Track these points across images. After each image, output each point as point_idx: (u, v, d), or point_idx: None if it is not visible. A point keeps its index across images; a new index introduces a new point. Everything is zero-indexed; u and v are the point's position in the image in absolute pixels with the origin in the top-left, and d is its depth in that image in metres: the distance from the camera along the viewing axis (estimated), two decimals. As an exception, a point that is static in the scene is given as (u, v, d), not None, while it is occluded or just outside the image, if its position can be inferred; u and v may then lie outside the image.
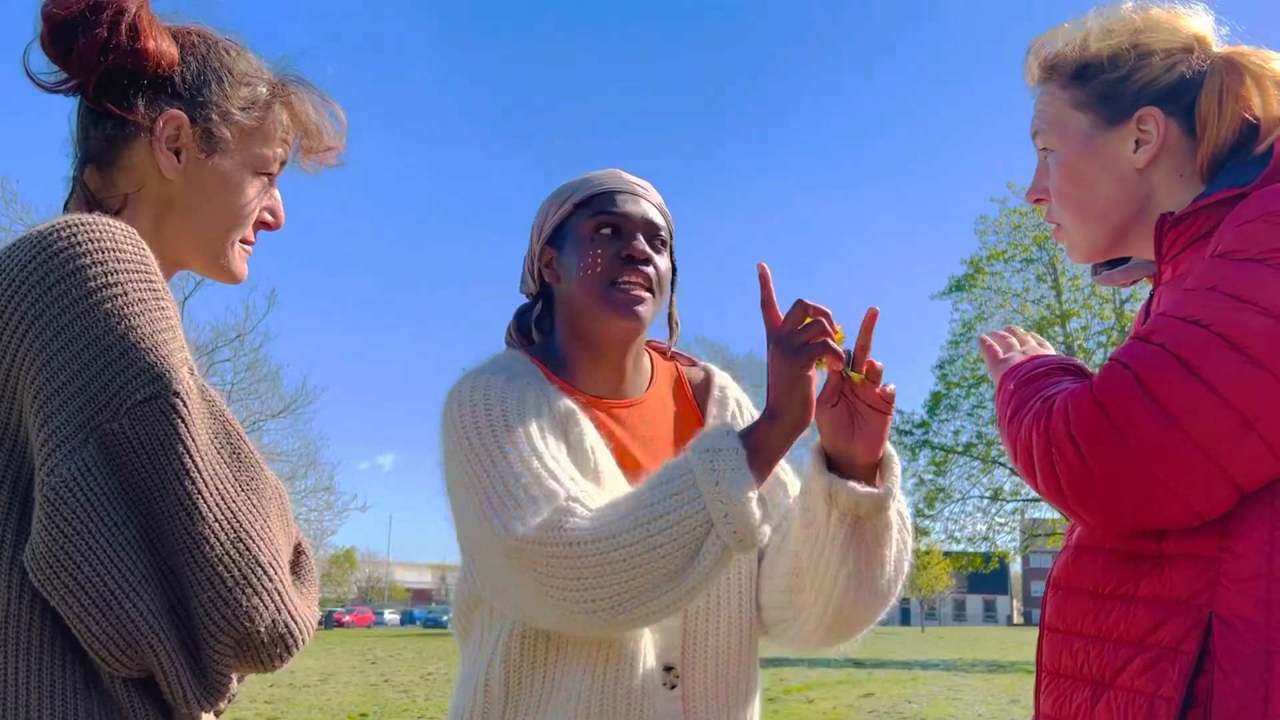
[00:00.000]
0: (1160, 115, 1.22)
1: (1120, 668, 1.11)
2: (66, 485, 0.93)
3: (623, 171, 1.58)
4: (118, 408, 0.96)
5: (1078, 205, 1.28)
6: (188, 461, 0.98)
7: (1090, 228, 1.28)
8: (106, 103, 1.14)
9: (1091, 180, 1.26)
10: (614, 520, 1.25)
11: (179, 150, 1.16)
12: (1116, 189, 1.25)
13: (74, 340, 0.96)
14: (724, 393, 1.62)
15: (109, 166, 1.16)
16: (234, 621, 0.98)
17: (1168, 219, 1.20)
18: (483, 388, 1.43)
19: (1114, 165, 1.25)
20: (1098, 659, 1.14)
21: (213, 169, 1.18)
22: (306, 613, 1.06)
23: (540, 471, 1.32)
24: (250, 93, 1.21)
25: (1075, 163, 1.27)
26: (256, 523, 1.01)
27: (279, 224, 1.27)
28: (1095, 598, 1.16)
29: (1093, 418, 1.04)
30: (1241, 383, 1.01)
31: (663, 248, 1.53)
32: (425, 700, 12.61)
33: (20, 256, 0.99)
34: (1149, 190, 1.25)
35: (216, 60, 1.20)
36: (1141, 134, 1.23)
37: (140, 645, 0.96)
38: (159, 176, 1.16)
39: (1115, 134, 1.25)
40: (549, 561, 1.25)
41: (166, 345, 1.00)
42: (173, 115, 1.15)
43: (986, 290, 24.54)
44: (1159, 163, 1.24)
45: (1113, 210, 1.26)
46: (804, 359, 1.26)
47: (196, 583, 0.98)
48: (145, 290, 1.01)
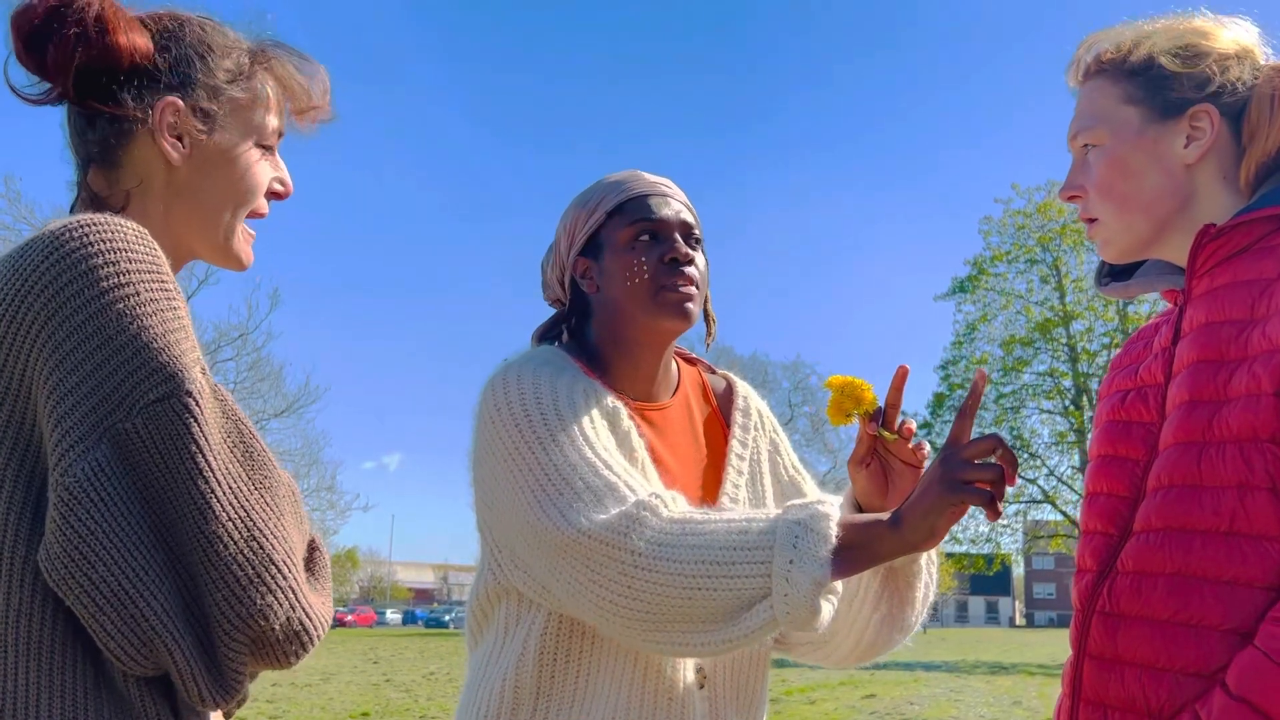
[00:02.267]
0: (1215, 113, 1.24)
1: (1187, 701, 1.08)
2: (80, 485, 0.94)
3: (642, 172, 1.58)
4: (131, 407, 0.97)
5: (1122, 197, 1.27)
6: (201, 461, 0.98)
7: (1133, 220, 1.27)
8: (94, 103, 1.14)
9: (1139, 172, 1.26)
10: (683, 546, 1.23)
11: (181, 136, 1.16)
12: (1164, 182, 1.25)
13: (87, 341, 0.97)
14: (747, 402, 1.63)
15: (111, 166, 1.16)
16: (249, 620, 0.98)
17: (1210, 230, 1.20)
18: (530, 377, 1.42)
19: (1164, 159, 1.25)
20: (1155, 691, 1.11)
21: (214, 147, 1.18)
22: (321, 609, 1.06)
23: (597, 463, 1.32)
24: (234, 63, 1.20)
25: (1124, 154, 1.26)
26: (270, 520, 1.02)
27: (288, 192, 1.26)
28: (1154, 625, 1.14)
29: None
30: None
31: (697, 245, 1.54)
32: (427, 700, 12.61)
33: (32, 257, 0.99)
34: (1194, 187, 1.26)
35: (194, 38, 1.19)
36: (1194, 130, 1.24)
37: (155, 644, 0.96)
38: (165, 166, 1.16)
39: (1167, 128, 1.26)
40: (605, 561, 1.24)
41: (179, 345, 1.00)
42: (168, 102, 1.15)
43: (990, 291, 24.54)
44: (1207, 161, 1.25)
45: (1157, 203, 1.26)
46: (962, 496, 1.19)
47: (211, 581, 0.98)
48: (157, 290, 1.01)
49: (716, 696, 1.45)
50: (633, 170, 1.58)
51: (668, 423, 1.55)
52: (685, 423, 1.57)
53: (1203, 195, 1.25)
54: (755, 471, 1.58)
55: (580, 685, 1.40)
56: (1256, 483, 1.08)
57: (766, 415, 1.65)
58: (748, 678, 1.50)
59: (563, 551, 1.27)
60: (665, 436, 1.54)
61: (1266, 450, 1.08)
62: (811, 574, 1.18)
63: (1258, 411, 1.09)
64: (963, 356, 24.24)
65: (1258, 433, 1.08)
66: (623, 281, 1.48)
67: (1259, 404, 1.09)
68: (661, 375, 1.55)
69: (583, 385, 1.45)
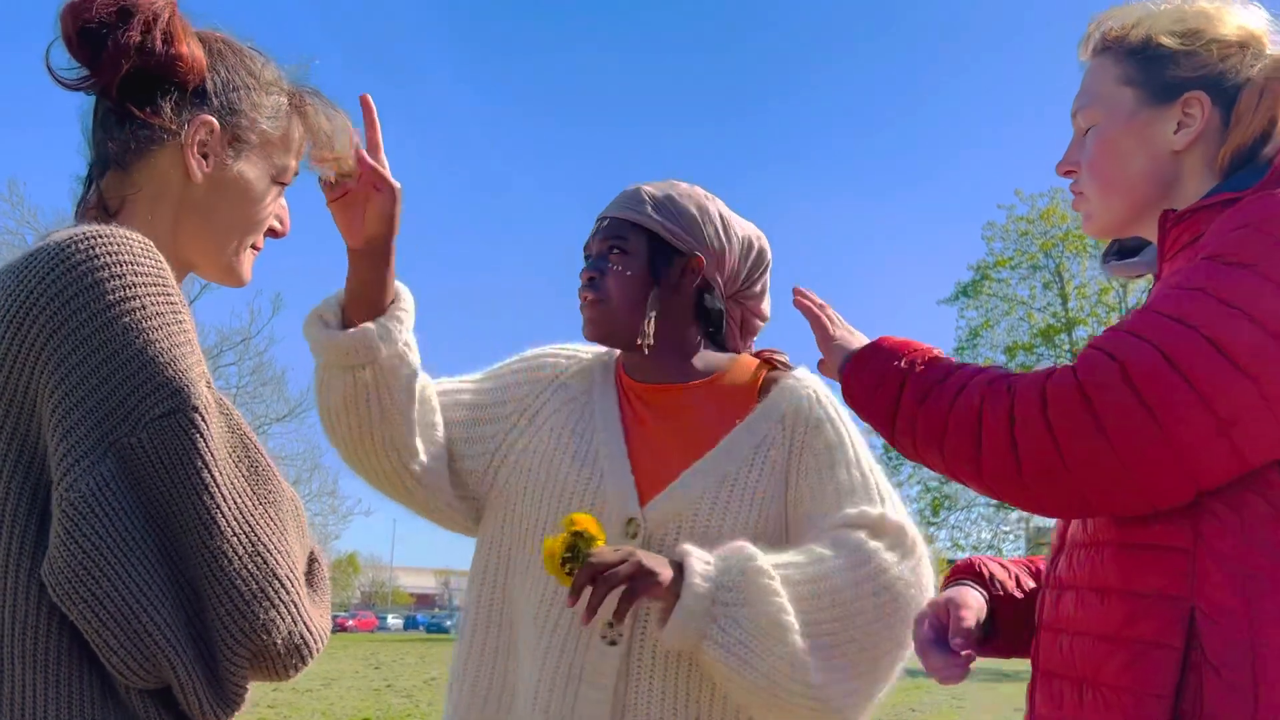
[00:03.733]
0: (1207, 100, 1.24)
1: (1100, 663, 1.12)
2: (85, 500, 0.94)
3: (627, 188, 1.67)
4: (136, 422, 0.97)
5: (1107, 177, 1.29)
6: (206, 476, 0.98)
7: (1112, 200, 1.30)
8: (133, 107, 1.14)
9: (1127, 154, 1.28)
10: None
11: (206, 154, 1.17)
12: (1149, 166, 1.27)
13: (92, 354, 0.97)
14: (774, 411, 1.61)
15: (129, 169, 1.16)
16: (251, 634, 0.99)
17: (1170, 215, 1.22)
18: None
19: (1152, 143, 1.26)
20: (1081, 655, 1.15)
21: (237, 175, 1.18)
22: (321, 622, 1.07)
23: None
24: (275, 102, 1.22)
25: (1115, 135, 1.28)
26: (274, 536, 1.02)
27: (285, 232, 1.28)
28: (1078, 591, 1.18)
29: (1075, 404, 1.05)
30: (1224, 387, 1.03)
31: (613, 251, 1.62)
32: (428, 705, 12.60)
33: (37, 268, 0.99)
34: (1178, 173, 1.26)
35: (244, 69, 1.20)
36: (1185, 116, 1.25)
37: (158, 658, 0.96)
38: (183, 179, 1.16)
39: (1159, 113, 1.26)
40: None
41: (185, 359, 1.00)
42: (205, 120, 1.15)
43: (993, 297, 24.53)
44: (1195, 148, 1.25)
45: (1139, 187, 1.28)
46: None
47: (214, 596, 0.98)
48: (163, 304, 1.01)
49: (631, 653, 1.51)
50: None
51: (670, 401, 1.64)
52: (689, 409, 1.62)
53: (1186, 181, 1.26)
54: (759, 465, 1.58)
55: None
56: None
57: (798, 420, 1.60)
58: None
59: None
60: (663, 412, 1.64)
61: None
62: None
63: None
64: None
65: None
66: None
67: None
68: (671, 362, 1.64)
69: (589, 369, 1.70)
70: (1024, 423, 1.07)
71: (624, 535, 1.55)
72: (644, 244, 1.61)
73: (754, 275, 1.70)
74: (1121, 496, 1.07)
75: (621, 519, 1.56)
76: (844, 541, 1.48)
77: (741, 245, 1.67)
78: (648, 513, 1.55)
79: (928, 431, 1.15)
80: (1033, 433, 1.07)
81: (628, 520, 1.55)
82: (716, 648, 1.38)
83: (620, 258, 1.61)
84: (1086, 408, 1.05)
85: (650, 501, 1.56)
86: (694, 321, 1.65)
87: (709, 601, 1.38)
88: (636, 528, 1.55)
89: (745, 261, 1.68)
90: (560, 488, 1.60)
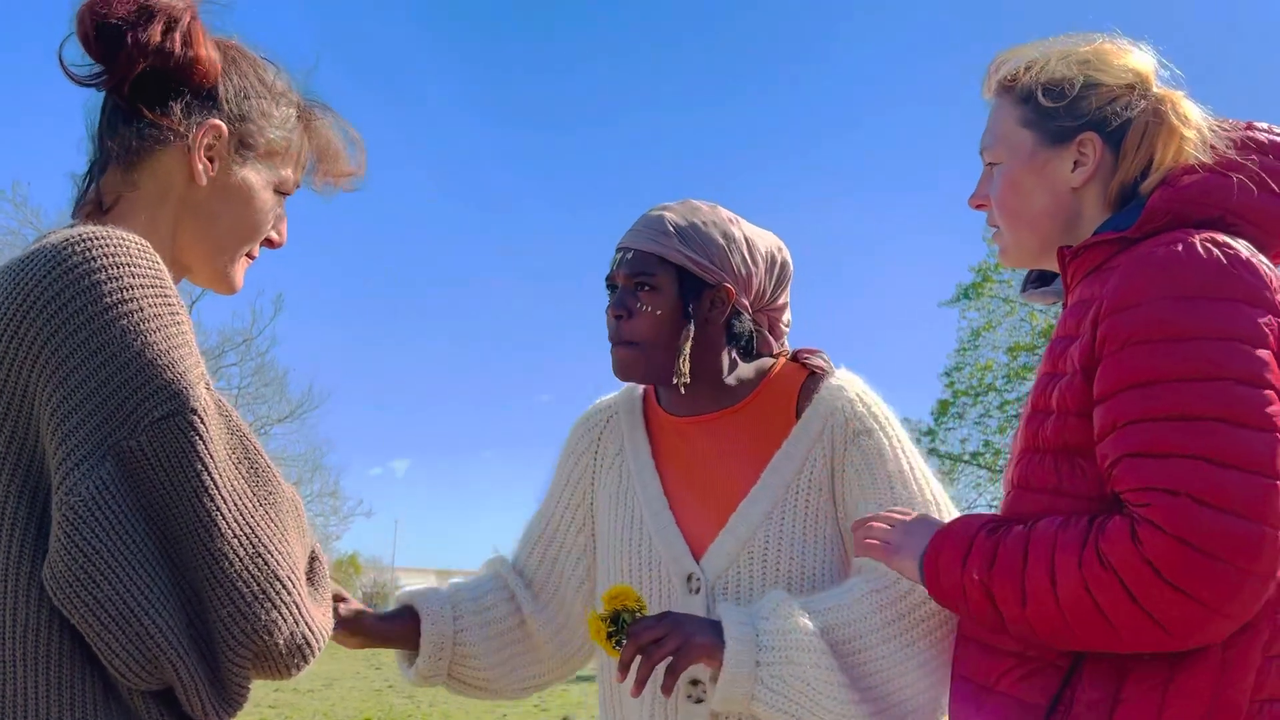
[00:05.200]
0: (1099, 141, 1.31)
1: (1001, 674, 1.23)
2: (85, 503, 0.94)
3: (648, 213, 1.62)
4: (135, 425, 0.97)
5: (1014, 214, 1.37)
6: (206, 478, 0.98)
7: (1021, 235, 1.38)
8: (142, 105, 1.14)
9: (1029, 192, 1.35)
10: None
11: (212, 159, 1.17)
12: (1051, 203, 1.34)
13: (90, 357, 0.96)
14: (814, 419, 1.58)
15: (131, 168, 1.15)
16: (253, 635, 0.99)
17: (1065, 252, 1.30)
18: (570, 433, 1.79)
19: (1052, 182, 1.34)
20: (989, 665, 1.25)
21: (241, 181, 1.19)
22: (322, 621, 1.07)
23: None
24: (285, 113, 1.22)
25: (1018, 175, 1.36)
26: (274, 537, 1.02)
27: (282, 242, 1.28)
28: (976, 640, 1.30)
29: (1183, 556, 1.06)
30: (1269, 452, 1.08)
31: (640, 289, 1.57)
32: (429, 706, 12.59)
33: (34, 271, 0.99)
34: (1079, 208, 1.34)
35: (256, 77, 1.21)
36: (1080, 156, 1.32)
37: (160, 661, 0.96)
38: (187, 181, 1.16)
39: (1057, 154, 1.33)
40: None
41: (183, 361, 1.00)
42: (214, 125, 1.16)
43: (994, 299, 24.52)
44: (1091, 185, 1.32)
45: (1044, 221, 1.35)
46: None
47: (215, 598, 0.98)
48: (161, 305, 1.01)
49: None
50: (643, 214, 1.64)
51: (710, 434, 1.62)
52: (728, 437, 1.61)
53: (1086, 216, 1.34)
54: (804, 488, 1.55)
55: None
56: (1065, 489, 1.21)
57: (836, 435, 1.56)
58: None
59: None
60: (704, 446, 1.61)
61: (1071, 460, 1.21)
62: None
63: (1062, 426, 1.21)
64: (967, 363, 24.21)
65: (1067, 442, 1.21)
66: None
67: (1064, 420, 1.21)
68: (706, 392, 1.61)
69: (618, 408, 1.73)
70: (1148, 595, 1.08)
71: (687, 591, 1.54)
72: (673, 279, 1.55)
73: (779, 289, 1.67)
74: (1262, 593, 1.09)
75: (680, 577, 1.55)
76: (886, 574, 1.46)
77: (766, 263, 1.63)
78: (704, 565, 1.54)
79: (1050, 631, 1.16)
80: (1165, 600, 1.08)
81: (687, 577, 1.55)
82: (766, 707, 1.39)
83: (649, 296, 1.55)
84: (1197, 553, 1.06)
85: (705, 554, 1.55)
86: (724, 346, 1.62)
87: (752, 664, 1.38)
88: (698, 582, 1.54)
89: (771, 278, 1.64)
90: (618, 564, 1.61)
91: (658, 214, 1.60)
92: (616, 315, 1.57)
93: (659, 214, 1.60)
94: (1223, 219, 1.24)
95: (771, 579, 1.51)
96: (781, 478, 1.55)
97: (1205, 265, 1.15)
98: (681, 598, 1.54)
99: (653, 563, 1.57)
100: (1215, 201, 1.24)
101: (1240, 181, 1.25)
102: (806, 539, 1.53)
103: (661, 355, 1.56)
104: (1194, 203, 1.24)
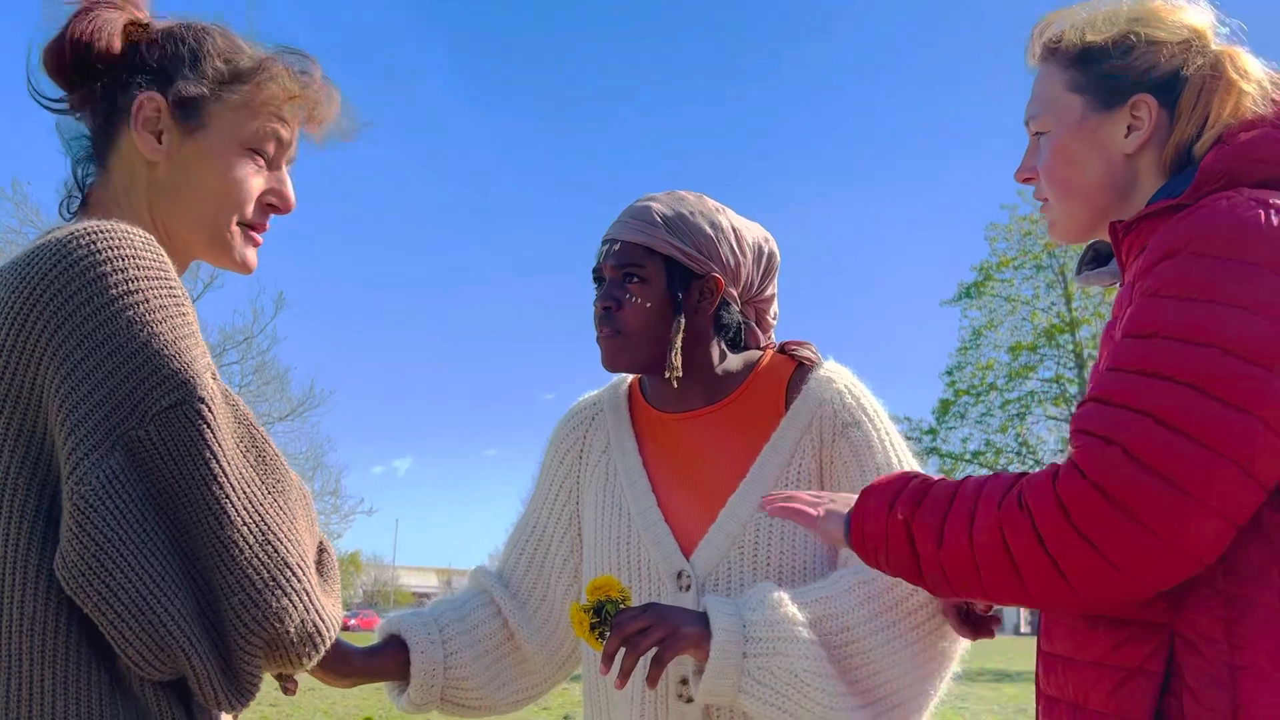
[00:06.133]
0: (1154, 103, 1.22)
1: (1089, 688, 1.12)
2: (95, 493, 0.94)
3: (635, 203, 1.61)
4: (143, 414, 0.97)
5: (1064, 184, 1.28)
6: (214, 466, 0.99)
7: (1072, 206, 1.29)
8: (72, 92, 1.17)
9: (1081, 160, 1.26)
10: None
11: (160, 133, 1.16)
12: (1104, 171, 1.26)
13: (97, 348, 0.97)
14: (804, 409, 1.57)
15: (103, 160, 1.18)
16: (264, 623, 0.99)
17: (1118, 226, 1.21)
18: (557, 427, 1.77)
19: (1104, 148, 1.25)
20: (1072, 681, 1.14)
21: (194, 147, 1.17)
22: (333, 611, 1.07)
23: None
24: (229, 68, 1.19)
25: (1068, 143, 1.27)
26: (284, 524, 1.02)
27: (287, 207, 1.24)
28: (1070, 618, 1.17)
29: (1097, 504, 1.01)
30: (1226, 428, 1.00)
31: (629, 280, 1.55)
32: (431, 704, 12.59)
33: (40, 265, 1.00)
34: (1134, 176, 1.25)
35: (193, 40, 1.19)
36: (1134, 120, 1.23)
37: (173, 649, 0.96)
38: (146, 164, 1.16)
39: (1109, 118, 1.25)
40: None
41: (189, 351, 1.01)
42: (148, 96, 1.15)
43: (996, 297, 24.50)
44: (1147, 150, 1.24)
45: (1097, 192, 1.27)
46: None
47: (226, 586, 0.99)
48: (166, 296, 1.01)
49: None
50: (630, 206, 1.62)
51: (696, 429, 1.61)
52: (717, 431, 1.60)
53: (1142, 185, 1.25)
54: (793, 481, 1.55)
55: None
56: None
57: (825, 427, 1.56)
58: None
59: None
60: (688, 441, 1.60)
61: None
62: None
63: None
64: (968, 362, 24.18)
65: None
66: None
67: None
68: (695, 387, 1.60)
69: (601, 406, 1.71)
70: (1055, 540, 1.03)
71: (678, 589, 1.53)
72: (661, 270, 1.55)
73: (766, 279, 1.67)
74: (1175, 567, 1.02)
75: (670, 574, 1.54)
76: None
77: (754, 253, 1.63)
78: (695, 562, 1.53)
79: (959, 575, 1.11)
80: (1070, 548, 1.02)
81: (677, 574, 1.54)
82: (753, 699, 1.37)
83: (638, 288, 1.54)
84: (1110, 503, 1.00)
85: (695, 551, 1.54)
86: (713, 337, 1.61)
87: (739, 655, 1.36)
88: (688, 580, 1.53)
89: (758, 269, 1.64)
90: (607, 562, 1.60)
91: (644, 204, 1.59)
92: (605, 307, 1.57)
93: (645, 204, 1.59)
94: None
95: (762, 574, 1.50)
96: (770, 472, 1.54)
97: (1240, 224, 1.06)
98: (672, 595, 1.53)
99: (642, 560, 1.56)
100: (1276, 158, 1.14)
101: None
102: (796, 533, 1.52)
103: (652, 347, 1.55)
104: (1253, 160, 1.14)
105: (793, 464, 1.55)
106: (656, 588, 1.54)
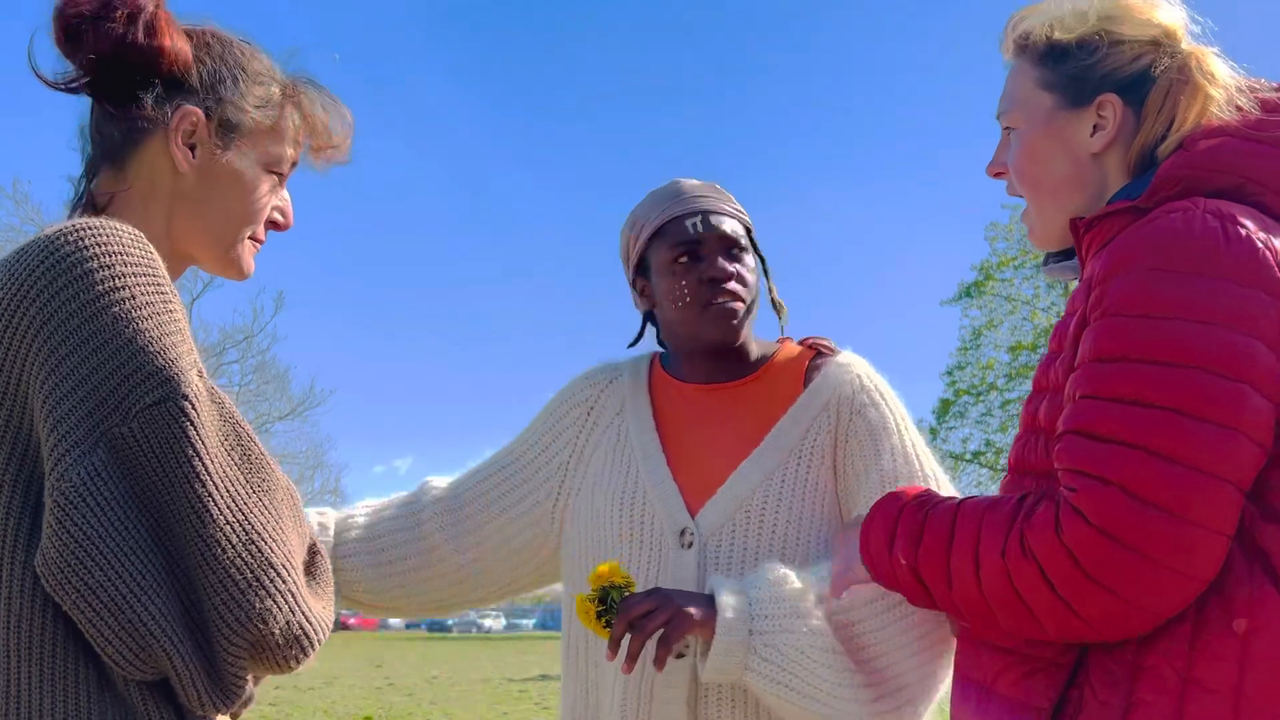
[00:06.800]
0: (1119, 103, 1.22)
1: (999, 673, 1.15)
2: (77, 490, 0.94)
3: (685, 183, 1.64)
4: (127, 411, 0.96)
5: (1032, 181, 1.28)
6: (198, 464, 0.98)
7: (1044, 207, 1.28)
8: (107, 99, 1.14)
9: (1048, 158, 1.26)
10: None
11: (194, 145, 1.17)
12: (1071, 170, 1.25)
13: (82, 344, 0.97)
14: (819, 393, 1.60)
15: (122, 165, 1.17)
16: (247, 624, 0.98)
17: (1079, 224, 1.21)
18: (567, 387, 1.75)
19: (1071, 147, 1.25)
20: (985, 663, 1.17)
21: (226, 165, 1.19)
22: (322, 613, 1.06)
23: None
24: (264, 92, 1.22)
25: (1036, 140, 1.27)
26: (269, 524, 1.01)
27: (288, 224, 1.27)
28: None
29: (1106, 549, 1.01)
30: (1221, 450, 1.01)
31: (742, 252, 1.61)
32: (430, 704, 12.60)
33: (28, 261, 1.00)
34: (1102, 176, 1.25)
35: (232, 59, 1.20)
36: (1100, 119, 1.23)
37: (153, 648, 0.95)
38: (173, 172, 1.16)
39: (1076, 117, 1.24)
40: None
41: (175, 348, 1.00)
42: (189, 110, 1.16)
43: (996, 297, 24.50)
44: (1113, 150, 1.24)
45: (1065, 191, 1.26)
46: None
47: (209, 586, 0.98)
48: (153, 293, 1.01)
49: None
50: (675, 182, 1.65)
51: (716, 404, 1.63)
52: (739, 404, 1.62)
53: (1112, 184, 1.24)
54: (806, 454, 1.56)
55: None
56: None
57: (842, 405, 1.58)
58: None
59: None
60: (704, 415, 1.63)
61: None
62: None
63: (1055, 406, 1.14)
64: (969, 362, 24.18)
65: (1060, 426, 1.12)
66: (671, 303, 1.59)
67: (1056, 400, 1.14)
68: (722, 363, 1.63)
69: (616, 387, 1.70)
70: (1068, 587, 1.04)
71: (679, 546, 1.53)
72: (750, 244, 1.64)
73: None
74: (1189, 592, 1.04)
75: (674, 531, 1.54)
76: None
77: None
78: (699, 521, 1.54)
79: (976, 616, 1.13)
80: (1085, 594, 1.03)
81: (680, 531, 1.54)
82: (760, 677, 1.37)
83: (748, 258, 1.62)
84: (1120, 547, 1.01)
85: (701, 509, 1.55)
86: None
87: (745, 633, 1.37)
88: (691, 537, 1.53)
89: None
90: (608, 519, 1.59)
91: (711, 184, 1.66)
92: (729, 277, 1.58)
93: (712, 184, 1.66)
94: (1244, 187, 1.14)
95: (766, 541, 1.50)
96: (784, 443, 1.56)
97: (1200, 237, 1.06)
98: (673, 553, 1.53)
99: (646, 516, 1.56)
100: (1234, 168, 1.14)
101: (1266, 146, 1.15)
102: (805, 504, 1.53)
103: (750, 315, 1.62)
104: (1210, 169, 1.14)
105: (808, 438, 1.57)
106: (658, 544, 1.54)
